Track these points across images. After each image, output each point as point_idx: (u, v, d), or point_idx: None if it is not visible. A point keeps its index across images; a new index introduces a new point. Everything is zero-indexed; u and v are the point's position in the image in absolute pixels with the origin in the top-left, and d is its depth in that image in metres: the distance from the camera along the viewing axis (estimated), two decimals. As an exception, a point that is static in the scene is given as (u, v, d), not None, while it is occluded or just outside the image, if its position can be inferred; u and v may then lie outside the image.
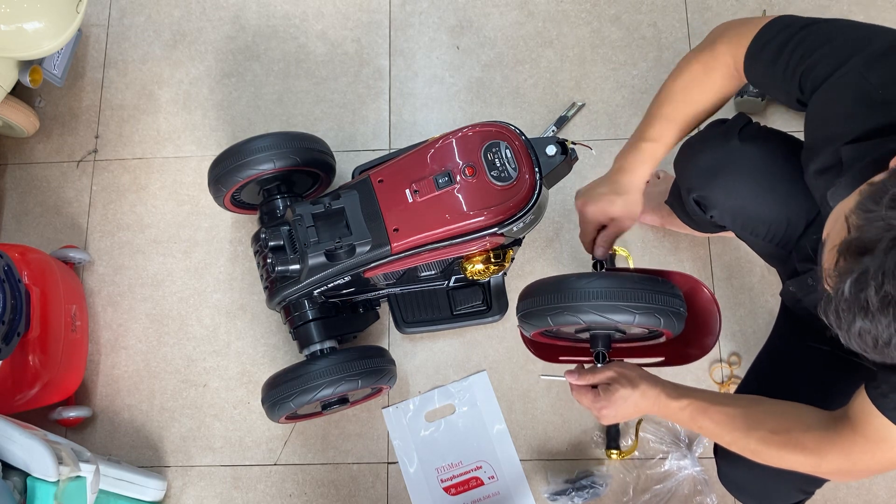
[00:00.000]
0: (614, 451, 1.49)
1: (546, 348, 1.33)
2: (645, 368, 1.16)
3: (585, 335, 1.21)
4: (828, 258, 0.74)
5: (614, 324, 1.09)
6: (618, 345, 1.28)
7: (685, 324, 1.15)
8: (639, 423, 1.51)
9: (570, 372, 1.18)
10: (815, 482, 1.17)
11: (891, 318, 0.69)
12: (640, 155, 1.14)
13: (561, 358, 1.33)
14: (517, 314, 1.21)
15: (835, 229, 0.75)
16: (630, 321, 1.07)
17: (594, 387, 1.16)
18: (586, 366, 1.20)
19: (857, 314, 0.70)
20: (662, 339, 1.21)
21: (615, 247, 1.58)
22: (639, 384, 1.09)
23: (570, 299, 1.09)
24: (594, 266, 1.23)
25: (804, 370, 1.18)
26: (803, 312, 1.17)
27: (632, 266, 1.59)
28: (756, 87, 1.06)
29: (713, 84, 1.09)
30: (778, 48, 0.98)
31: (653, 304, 1.07)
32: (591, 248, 1.25)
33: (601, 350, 1.18)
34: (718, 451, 1.24)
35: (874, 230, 0.69)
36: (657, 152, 1.13)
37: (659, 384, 1.10)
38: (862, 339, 0.72)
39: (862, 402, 0.90)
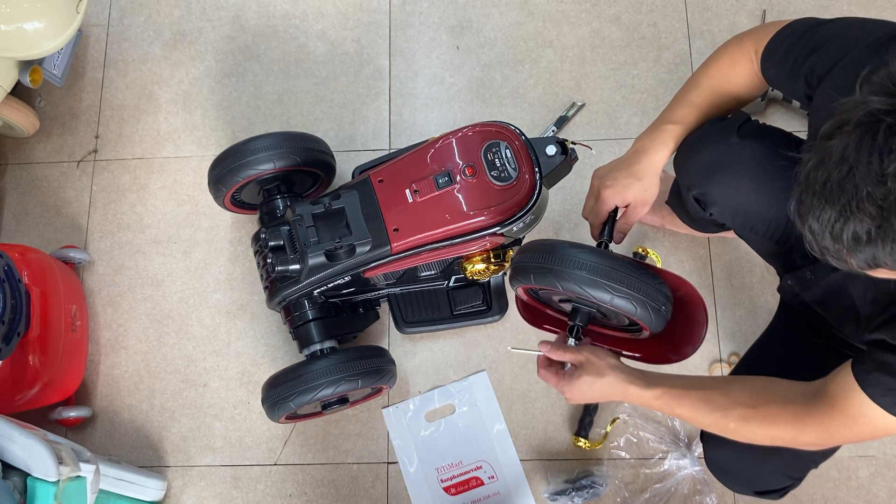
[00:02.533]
0: (582, 440, 1.49)
1: (534, 312, 1.33)
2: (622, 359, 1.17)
3: (569, 307, 1.22)
4: None
5: (591, 299, 1.09)
6: (598, 329, 1.28)
7: (671, 327, 1.15)
8: (613, 420, 1.52)
9: (543, 342, 1.18)
10: (801, 468, 1.18)
11: (842, 205, 0.68)
12: (660, 136, 1.14)
13: (545, 326, 1.34)
14: (509, 266, 1.21)
15: None
16: (607, 300, 1.07)
17: (563, 367, 1.16)
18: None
19: (810, 194, 0.71)
20: (643, 335, 1.21)
21: (650, 250, 1.59)
22: (605, 373, 1.10)
23: (556, 263, 1.10)
24: (597, 246, 1.23)
25: (799, 362, 1.18)
26: (801, 308, 1.17)
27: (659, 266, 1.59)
28: (771, 85, 1.08)
29: (738, 77, 1.10)
30: (788, 48, 1.00)
31: (633, 291, 1.07)
32: (597, 230, 1.24)
33: (578, 324, 1.18)
34: (704, 435, 1.26)
35: (847, 112, 0.69)
36: (678, 134, 1.14)
37: (628, 375, 1.10)
38: (814, 225, 0.72)
39: (844, 378, 0.92)
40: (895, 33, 0.88)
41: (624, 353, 1.25)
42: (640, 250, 1.59)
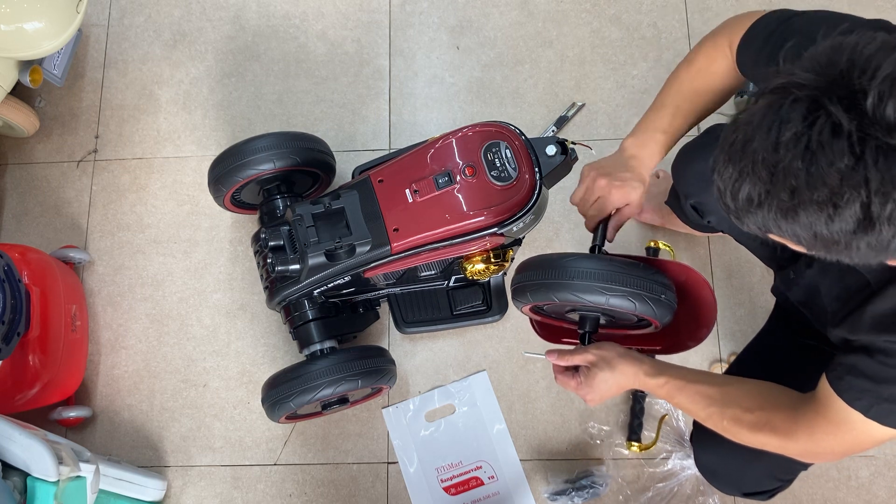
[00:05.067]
0: (635, 444, 1.50)
1: (549, 328, 1.34)
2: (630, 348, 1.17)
3: (577, 316, 1.22)
4: None
5: (587, 304, 1.10)
6: (613, 331, 1.28)
7: (683, 314, 1.15)
8: (662, 418, 1.51)
9: (550, 351, 1.19)
10: (788, 470, 1.19)
11: (741, 166, 0.71)
12: (654, 147, 1.15)
13: (564, 340, 1.34)
14: (510, 288, 1.22)
15: None
16: (602, 302, 1.08)
17: (576, 370, 1.17)
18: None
19: (721, 152, 0.74)
20: (652, 329, 1.21)
21: (661, 242, 1.59)
22: (617, 365, 1.11)
23: (547, 277, 1.11)
24: (592, 249, 1.23)
25: (789, 363, 1.19)
26: (792, 308, 1.18)
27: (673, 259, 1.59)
28: (748, 78, 1.08)
29: (717, 74, 1.10)
30: (763, 40, 1.00)
31: (627, 287, 1.08)
32: (594, 224, 1.24)
33: (588, 331, 1.19)
34: (694, 437, 1.27)
35: (772, 80, 0.72)
36: (668, 143, 1.15)
37: (637, 362, 1.11)
38: (720, 182, 0.75)
39: (824, 386, 0.92)
40: (869, 27, 0.88)
41: (643, 349, 1.26)
42: (652, 244, 1.59)
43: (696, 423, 1.22)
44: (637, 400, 1.52)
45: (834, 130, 0.66)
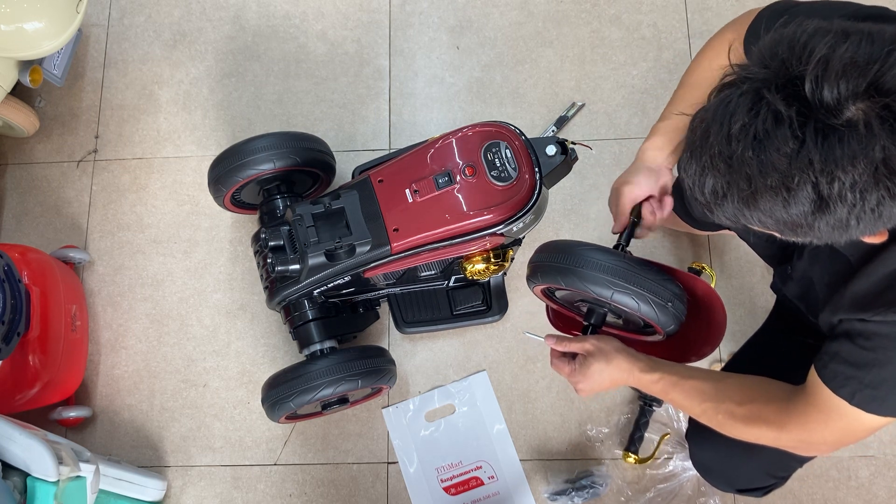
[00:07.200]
0: (632, 456, 1.49)
1: (564, 319, 1.35)
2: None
3: (586, 308, 1.23)
4: None
5: (592, 295, 1.10)
6: (619, 332, 1.28)
7: (693, 328, 1.15)
8: (663, 437, 1.51)
9: (550, 336, 1.20)
10: (783, 466, 1.19)
11: (703, 161, 0.74)
12: (656, 137, 1.16)
13: (573, 333, 1.34)
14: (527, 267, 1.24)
15: None
16: (607, 296, 1.09)
17: (573, 358, 1.17)
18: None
19: (685, 150, 0.78)
20: (658, 337, 1.21)
21: (707, 266, 1.58)
22: (613, 358, 1.11)
23: (561, 261, 1.12)
24: (615, 247, 1.23)
25: (787, 360, 1.19)
26: (790, 305, 1.18)
27: (713, 284, 1.58)
28: None
29: (720, 69, 1.10)
30: (767, 29, 1.00)
31: (635, 287, 1.08)
32: (618, 229, 1.23)
33: (592, 324, 1.20)
34: (689, 433, 1.27)
35: (727, 76, 0.76)
36: (665, 128, 1.16)
37: (633, 358, 1.11)
38: (687, 179, 0.78)
39: (812, 375, 0.93)
40: (865, 13, 0.89)
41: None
42: (694, 265, 1.59)
43: (691, 420, 1.22)
44: (644, 413, 1.51)
45: (776, 118, 0.69)
